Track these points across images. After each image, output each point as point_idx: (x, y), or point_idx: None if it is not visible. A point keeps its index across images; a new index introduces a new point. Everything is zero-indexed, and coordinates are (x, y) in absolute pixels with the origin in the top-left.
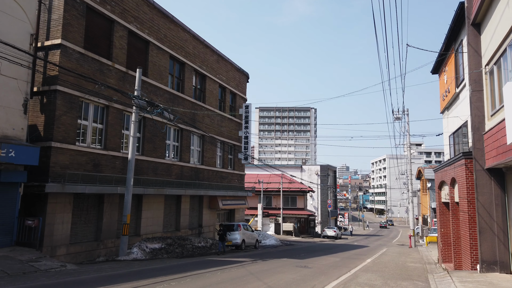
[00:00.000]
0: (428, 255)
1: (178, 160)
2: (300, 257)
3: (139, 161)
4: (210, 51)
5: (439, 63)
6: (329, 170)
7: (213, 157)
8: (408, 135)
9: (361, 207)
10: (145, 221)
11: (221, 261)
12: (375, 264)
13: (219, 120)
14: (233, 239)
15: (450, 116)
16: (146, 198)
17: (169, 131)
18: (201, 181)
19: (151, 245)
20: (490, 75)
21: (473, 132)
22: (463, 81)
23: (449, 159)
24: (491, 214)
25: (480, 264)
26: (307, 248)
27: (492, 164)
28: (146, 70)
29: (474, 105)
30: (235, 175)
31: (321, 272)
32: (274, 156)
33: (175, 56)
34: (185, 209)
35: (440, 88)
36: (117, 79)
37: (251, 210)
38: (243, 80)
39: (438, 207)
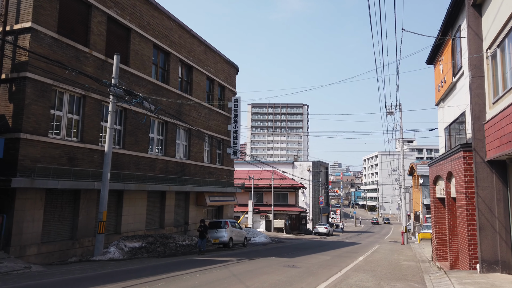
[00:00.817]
0: (421, 253)
1: (163, 155)
2: (289, 256)
3: (119, 155)
4: (197, 41)
5: (434, 52)
6: (321, 166)
7: (200, 152)
8: (401, 130)
9: (353, 204)
10: (126, 218)
11: (204, 261)
12: (367, 262)
13: (206, 113)
14: (220, 236)
15: (448, 105)
16: (127, 194)
17: (153, 124)
18: (188, 176)
19: (131, 244)
20: (492, 59)
21: (473, 122)
22: (460, 69)
23: (446, 152)
24: (492, 210)
25: (480, 264)
26: (297, 246)
27: (494, 155)
28: (127, 59)
29: (474, 92)
30: (224, 170)
31: (309, 272)
32: (267, 153)
33: (159, 45)
34: (170, 206)
35: (435, 79)
36: (95, 67)
37: (242, 207)
38: (233, 72)
39: (433, 203)
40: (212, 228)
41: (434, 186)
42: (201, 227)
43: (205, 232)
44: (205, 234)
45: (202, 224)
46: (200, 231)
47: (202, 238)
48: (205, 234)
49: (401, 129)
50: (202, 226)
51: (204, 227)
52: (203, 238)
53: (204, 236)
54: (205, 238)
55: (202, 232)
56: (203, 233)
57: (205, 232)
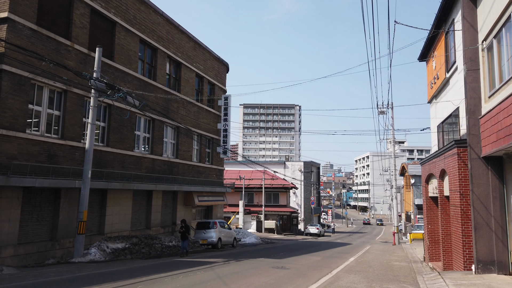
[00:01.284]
0: (413, 253)
1: (149, 153)
2: (279, 257)
3: (103, 153)
4: (186, 37)
5: (427, 49)
6: (313, 166)
7: (189, 151)
8: (393, 129)
9: (344, 205)
10: (110, 219)
11: (189, 262)
12: (359, 263)
13: (195, 111)
14: (209, 237)
15: (442, 100)
16: (111, 193)
17: (139, 121)
18: (175, 175)
19: (113, 245)
20: (488, 51)
21: (468, 117)
22: (454, 64)
23: (439, 149)
24: (487, 208)
25: (476, 264)
26: (288, 246)
27: (490, 151)
28: (112, 54)
29: (469, 86)
30: (213, 170)
31: (299, 273)
32: (258, 154)
33: (146, 40)
34: (157, 206)
35: (428, 75)
36: (77, 61)
37: (233, 207)
38: (223, 70)
39: (425, 202)
40: (200, 229)
41: (426, 185)
42: (182, 228)
43: (187, 233)
44: (187, 234)
45: (183, 225)
46: (182, 232)
47: (184, 239)
48: (187, 235)
49: (393, 129)
50: (183, 227)
51: (185, 227)
52: (185, 239)
53: (186, 237)
54: (187, 239)
55: (183, 233)
56: (184, 234)
57: (187, 233)
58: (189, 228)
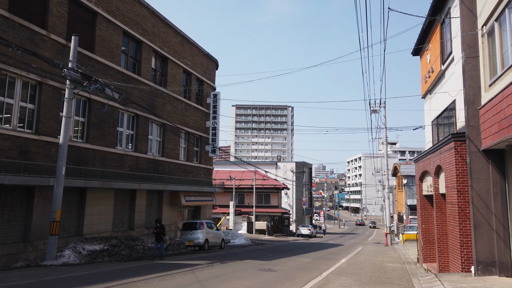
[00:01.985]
0: (406, 254)
1: (133, 151)
2: (267, 258)
3: (82, 150)
4: (172, 32)
5: (420, 42)
6: (305, 167)
7: (175, 149)
8: (385, 129)
9: (336, 206)
10: (89, 219)
11: (170, 265)
12: (350, 265)
13: (183, 108)
14: (195, 238)
15: (440, 91)
16: (91, 192)
17: (122, 117)
18: (161, 174)
19: (90, 247)
20: (488, 36)
21: (467, 107)
22: (450, 55)
23: (434, 145)
24: (488, 205)
25: (475, 266)
26: (278, 248)
27: (491, 143)
28: (92, 45)
29: (468, 75)
30: (202, 169)
31: (286, 276)
32: (251, 155)
33: (129, 32)
34: (141, 206)
35: (422, 69)
36: (53, 52)
37: (223, 208)
38: (212, 67)
39: (419, 201)
40: (186, 230)
41: (420, 183)
42: (157, 229)
43: (161, 234)
44: (162, 236)
45: (158, 225)
46: (156, 233)
47: (158, 241)
48: (162, 236)
49: (385, 128)
50: (157, 227)
51: (160, 228)
52: (160, 240)
53: (161, 239)
54: (162, 240)
55: (158, 234)
56: (159, 235)
57: (161, 234)
58: (164, 229)
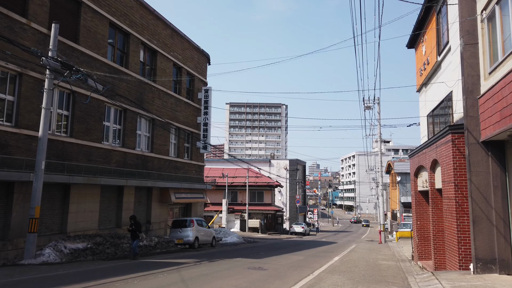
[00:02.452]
0: (400, 251)
1: (120, 146)
2: (258, 256)
3: (66, 144)
4: (162, 24)
5: (415, 34)
6: (298, 164)
7: (165, 145)
8: (379, 125)
9: (330, 204)
10: (73, 216)
11: (155, 264)
12: (344, 263)
13: (173, 103)
14: (185, 236)
15: (437, 82)
16: (75, 189)
17: (109, 111)
18: (150, 170)
19: (73, 245)
20: (488, 21)
21: (466, 97)
22: (447, 45)
23: (430, 138)
24: (487, 199)
25: (474, 263)
26: (270, 246)
27: (492, 133)
28: (77, 36)
29: (466, 62)
30: (193, 165)
31: (277, 275)
32: (245, 153)
33: (116, 24)
34: (129, 203)
35: (417, 62)
36: (34, 41)
37: (216, 206)
38: (203, 61)
39: (414, 197)
40: (176, 227)
41: (415, 178)
42: (132, 226)
43: (137, 231)
44: (138, 233)
45: (133, 222)
46: (131, 230)
47: (134, 239)
48: (137, 234)
49: (379, 125)
50: (132, 224)
51: (135, 224)
52: (135, 238)
53: (136, 236)
54: (137, 238)
55: (133, 231)
56: (135, 232)
57: (137, 231)
58: (141, 226)
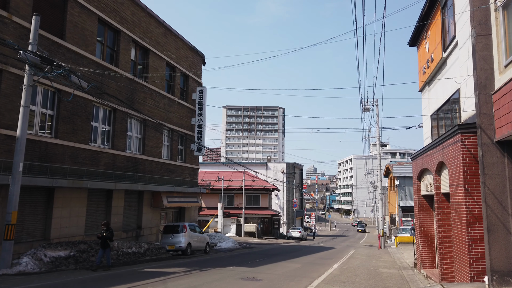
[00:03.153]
0: (401, 258)
1: (110, 148)
2: (253, 264)
3: (50, 145)
4: (155, 22)
5: (418, 30)
6: (296, 168)
7: (158, 147)
8: (378, 128)
9: (328, 208)
10: (57, 222)
11: (140, 274)
12: (343, 271)
13: (166, 104)
14: (176, 242)
15: (443, 78)
16: (60, 193)
17: (97, 111)
18: (141, 173)
19: (54, 253)
20: (503, 9)
21: (478, 92)
22: (453, 40)
23: (435, 139)
24: (504, 205)
25: (490, 276)
26: (266, 252)
27: (509, 132)
28: (63, 32)
29: (479, 55)
30: (186, 168)
31: (271, 287)
32: (242, 156)
33: (106, 20)
34: (118, 207)
35: (419, 61)
36: (16, 36)
37: (211, 210)
38: (198, 61)
39: (417, 201)
40: (167, 233)
41: (418, 182)
42: (103, 233)
43: (108, 239)
44: (109, 241)
45: (104, 228)
46: (102, 237)
47: (104, 248)
48: (108, 242)
49: (378, 127)
50: (104, 231)
51: (107, 231)
52: (105, 247)
53: (107, 245)
54: (108, 247)
55: (104, 240)
56: (105, 240)
57: (108, 239)
58: (113, 233)
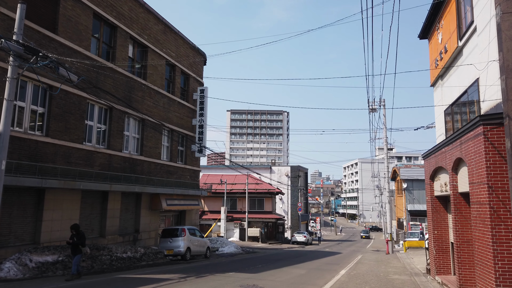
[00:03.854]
0: (411, 263)
1: (106, 148)
2: (255, 270)
3: (40, 144)
4: (153, 18)
5: (430, 20)
6: (300, 171)
7: (156, 147)
8: (385, 128)
9: (333, 212)
10: (48, 225)
11: (131, 280)
12: (351, 278)
13: (165, 103)
14: (175, 247)
15: (462, 65)
16: (51, 194)
17: (92, 109)
18: (139, 175)
19: (40, 258)
20: None
21: (506, 76)
22: (471, 26)
23: (451, 134)
24: None
25: None
26: (270, 256)
27: None
28: (55, 25)
29: (505, 35)
30: (187, 170)
31: None
32: (246, 160)
33: (102, 15)
34: (115, 210)
35: (431, 54)
36: (4, 28)
37: (214, 214)
38: (199, 60)
39: (430, 203)
40: (165, 237)
41: (431, 182)
42: (74, 237)
43: (80, 245)
44: (81, 247)
45: (74, 232)
46: (72, 243)
47: (74, 254)
48: (80, 248)
49: (385, 127)
50: (74, 236)
51: (78, 236)
52: (76, 253)
53: (78, 251)
54: (79, 254)
55: (74, 246)
56: (76, 246)
57: (80, 245)
58: (84, 238)
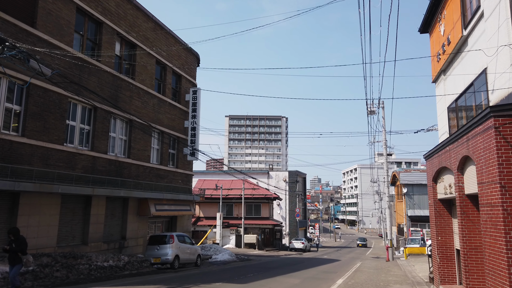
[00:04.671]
0: (412, 271)
1: (89, 149)
2: (244, 280)
3: (15, 144)
4: (143, 16)
5: (431, 12)
6: (298, 176)
7: (145, 150)
8: (384, 131)
9: (332, 218)
10: (23, 232)
11: None
12: (349, 287)
13: (155, 104)
14: (162, 254)
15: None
16: (26, 198)
17: (74, 108)
18: (126, 178)
19: (7, 267)
20: None
21: None
22: (477, 11)
23: (457, 130)
24: None
25: None
26: (264, 265)
27: None
28: (33, 19)
29: None
30: (179, 174)
31: None
32: (244, 166)
33: (86, 9)
34: (99, 216)
35: (432, 48)
36: None
37: (210, 220)
38: (192, 61)
39: (433, 206)
40: (153, 244)
41: (434, 184)
42: (11, 244)
43: (19, 252)
44: (20, 255)
45: (12, 238)
46: (9, 250)
47: (13, 264)
48: (18, 257)
49: (384, 130)
50: (12, 241)
51: (17, 242)
52: (15, 263)
53: (17, 261)
54: (19, 264)
55: (12, 254)
56: (14, 254)
57: (19, 252)
58: (25, 245)
